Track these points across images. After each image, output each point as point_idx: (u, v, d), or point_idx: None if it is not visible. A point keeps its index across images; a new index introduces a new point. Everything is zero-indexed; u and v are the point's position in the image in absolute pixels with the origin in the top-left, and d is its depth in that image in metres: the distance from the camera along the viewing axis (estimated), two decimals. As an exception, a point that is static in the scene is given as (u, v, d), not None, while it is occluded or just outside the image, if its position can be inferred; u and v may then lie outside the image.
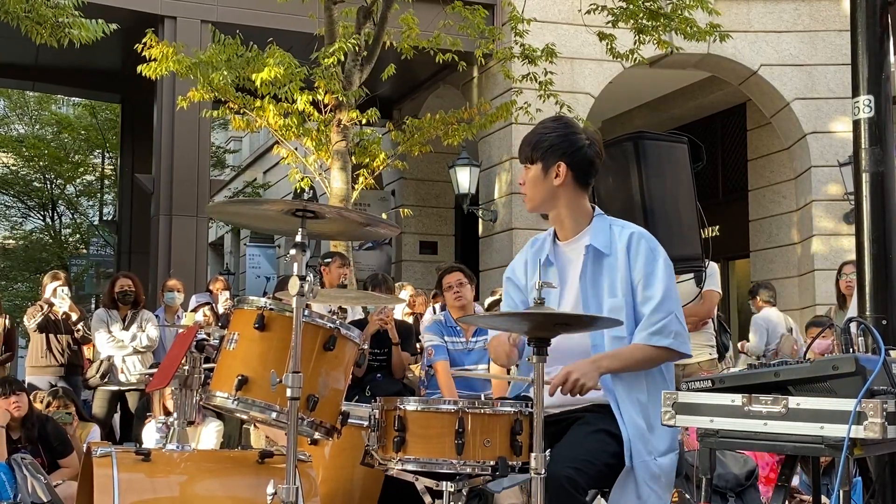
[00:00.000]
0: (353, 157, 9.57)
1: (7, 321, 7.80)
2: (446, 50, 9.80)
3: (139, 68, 9.23)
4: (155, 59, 9.09)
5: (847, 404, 2.32)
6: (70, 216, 25.00)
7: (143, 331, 7.69)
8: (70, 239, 25.31)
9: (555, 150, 2.97)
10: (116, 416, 7.99)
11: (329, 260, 6.80)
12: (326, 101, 9.11)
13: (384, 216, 11.24)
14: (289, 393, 2.58)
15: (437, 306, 8.22)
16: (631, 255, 2.94)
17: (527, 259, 3.16)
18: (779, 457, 5.18)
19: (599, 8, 9.88)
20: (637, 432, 2.83)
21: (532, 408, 2.61)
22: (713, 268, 5.57)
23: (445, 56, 9.75)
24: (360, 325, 6.11)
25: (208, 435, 6.10)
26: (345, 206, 8.40)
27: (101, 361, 7.66)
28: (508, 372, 4.87)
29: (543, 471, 2.49)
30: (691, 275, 5.12)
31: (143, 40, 9.11)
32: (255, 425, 5.77)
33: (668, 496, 2.85)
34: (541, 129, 3.06)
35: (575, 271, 3.01)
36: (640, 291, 2.92)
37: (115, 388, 7.62)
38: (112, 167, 23.18)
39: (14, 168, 23.49)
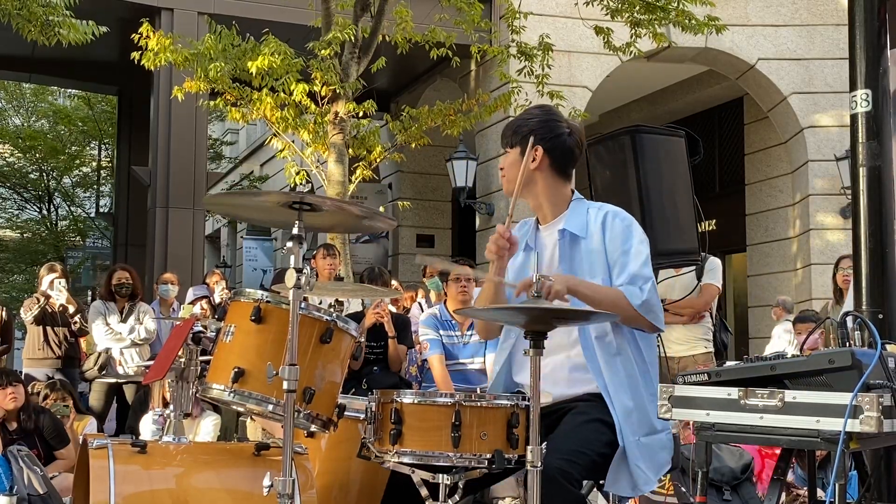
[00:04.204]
0: (350, 150, 9.54)
1: (3, 313, 7.78)
2: (442, 44, 9.76)
3: (133, 55, 9.19)
4: (150, 49, 9.06)
5: (843, 398, 2.33)
6: (66, 208, 24.95)
7: (141, 323, 7.69)
8: (67, 231, 25.25)
9: (533, 134, 3.00)
10: (112, 408, 7.98)
11: (314, 252, 6.76)
12: (323, 94, 9.08)
13: (381, 209, 11.22)
14: (285, 385, 2.57)
15: (423, 301, 8.20)
16: (606, 235, 2.94)
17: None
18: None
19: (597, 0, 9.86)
20: (626, 414, 2.82)
21: (528, 401, 2.61)
22: (715, 262, 5.57)
23: (440, 51, 9.72)
24: (357, 317, 6.11)
25: (206, 428, 6.11)
26: (342, 198, 8.37)
27: (99, 354, 7.65)
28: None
29: (540, 463, 2.49)
30: (693, 267, 5.13)
31: (140, 30, 9.07)
32: (251, 417, 5.78)
33: (656, 475, 2.84)
34: (523, 115, 3.12)
35: (553, 256, 3.02)
36: (616, 269, 2.91)
37: (113, 380, 7.59)
38: (108, 159, 23.15)
39: (10, 160, 23.44)
